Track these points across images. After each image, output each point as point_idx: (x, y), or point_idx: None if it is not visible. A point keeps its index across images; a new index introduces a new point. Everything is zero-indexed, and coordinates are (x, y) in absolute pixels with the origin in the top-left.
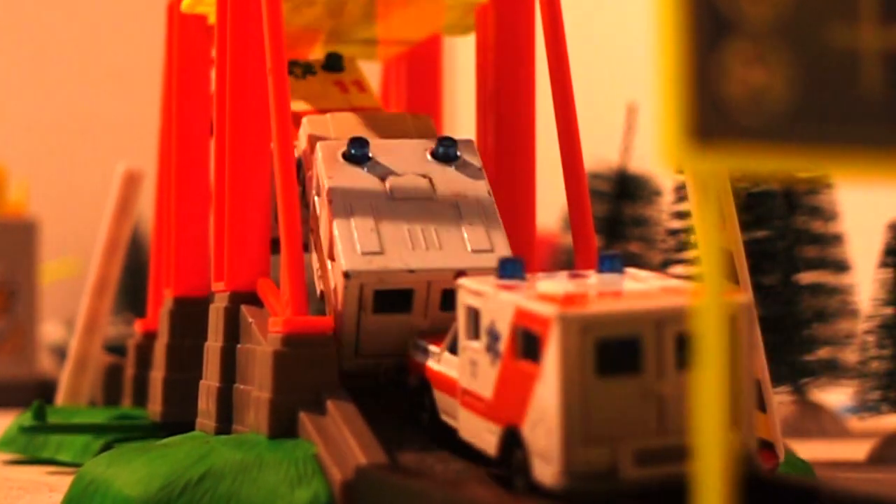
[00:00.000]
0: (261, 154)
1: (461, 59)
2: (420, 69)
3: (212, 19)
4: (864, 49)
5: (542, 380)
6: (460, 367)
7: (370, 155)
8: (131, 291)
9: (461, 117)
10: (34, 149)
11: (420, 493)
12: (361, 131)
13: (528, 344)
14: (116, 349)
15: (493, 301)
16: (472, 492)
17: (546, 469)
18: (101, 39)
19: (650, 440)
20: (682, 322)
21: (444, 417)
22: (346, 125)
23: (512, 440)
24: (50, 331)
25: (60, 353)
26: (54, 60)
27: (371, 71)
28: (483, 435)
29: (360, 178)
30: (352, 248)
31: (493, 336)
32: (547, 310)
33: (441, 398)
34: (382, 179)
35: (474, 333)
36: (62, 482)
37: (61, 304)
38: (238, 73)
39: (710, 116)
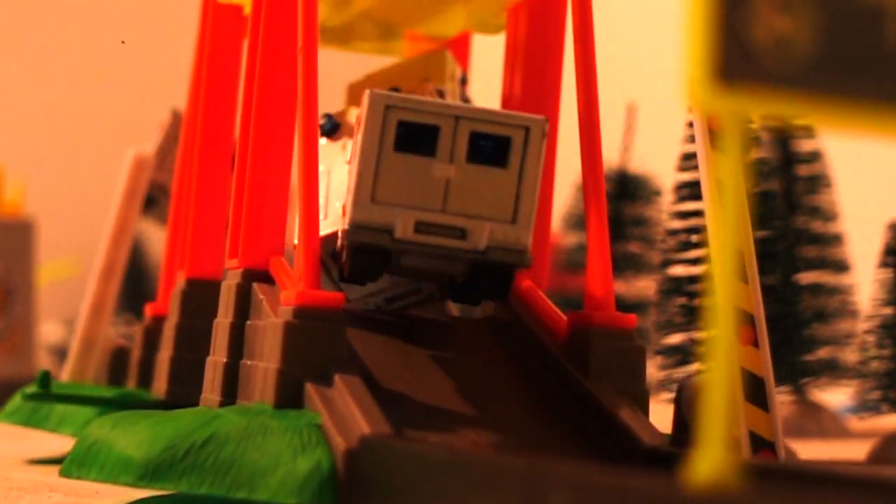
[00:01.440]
0: (285, 133)
1: (487, 58)
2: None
3: (247, 10)
4: (889, 6)
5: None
6: None
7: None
8: (130, 292)
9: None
10: (31, 148)
11: (421, 457)
12: (387, 85)
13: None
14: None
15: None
16: (471, 455)
17: (343, 222)
18: (100, 40)
19: (431, 215)
20: (478, 123)
21: None
22: (378, 83)
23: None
24: (49, 331)
25: (59, 353)
26: (52, 61)
27: None
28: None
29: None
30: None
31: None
32: (366, 94)
33: None
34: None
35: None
36: (62, 482)
37: (60, 305)
38: (269, 57)
39: (735, 58)
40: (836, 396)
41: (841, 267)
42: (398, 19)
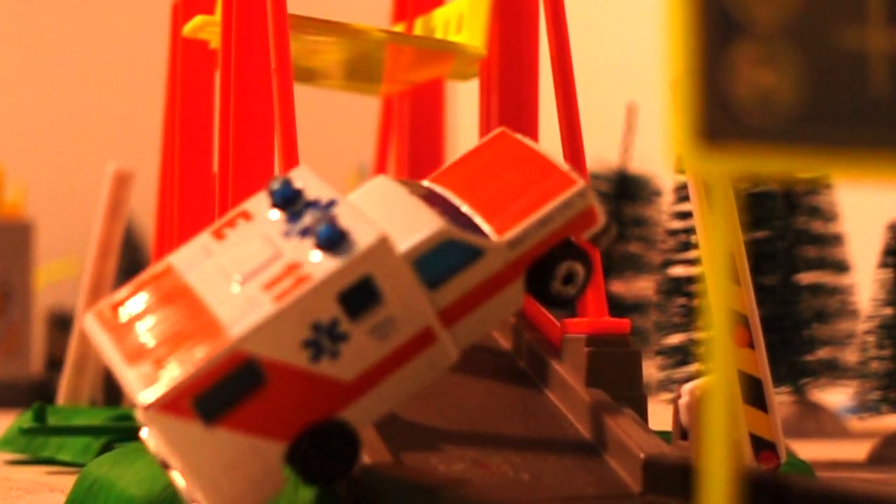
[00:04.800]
0: (264, 157)
1: (463, 93)
2: (423, 104)
3: (214, 44)
4: (872, 51)
5: None
6: None
7: None
8: None
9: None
10: (31, 150)
11: (424, 491)
12: None
13: None
14: None
15: None
16: (475, 491)
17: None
18: (98, 41)
19: None
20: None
21: None
22: None
23: None
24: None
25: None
26: (51, 62)
27: (372, 105)
28: None
29: None
30: None
31: None
32: None
33: None
34: None
35: None
36: (62, 482)
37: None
38: (243, 87)
39: (719, 118)
40: (836, 397)
41: (841, 267)
42: (372, 71)
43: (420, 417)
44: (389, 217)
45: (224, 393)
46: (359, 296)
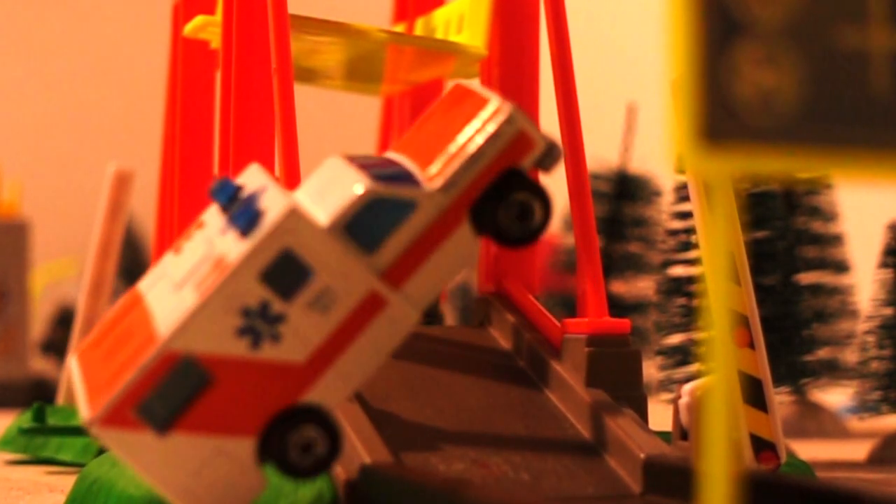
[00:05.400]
0: (265, 153)
1: None
2: (423, 104)
3: (214, 44)
4: (874, 51)
5: None
6: None
7: None
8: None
9: None
10: (31, 150)
11: (424, 492)
12: None
13: None
14: None
15: None
16: (475, 491)
17: None
18: (98, 41)
19: None
20: None
21: None
22: None
23: None
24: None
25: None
26: (50, 61)
27: (372, 105)
28: None
29: None
30: None
31: None
32: None
33: None
34: None
35: None
36: (62, 482)
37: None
38: (243, 86)
39: (720, 118)
40: (836, 397)
41: (841, 267)
42: (372, 71)
43: (420, 417)
44: (327, 191)
45: (168, 397)
46: (284, 273)
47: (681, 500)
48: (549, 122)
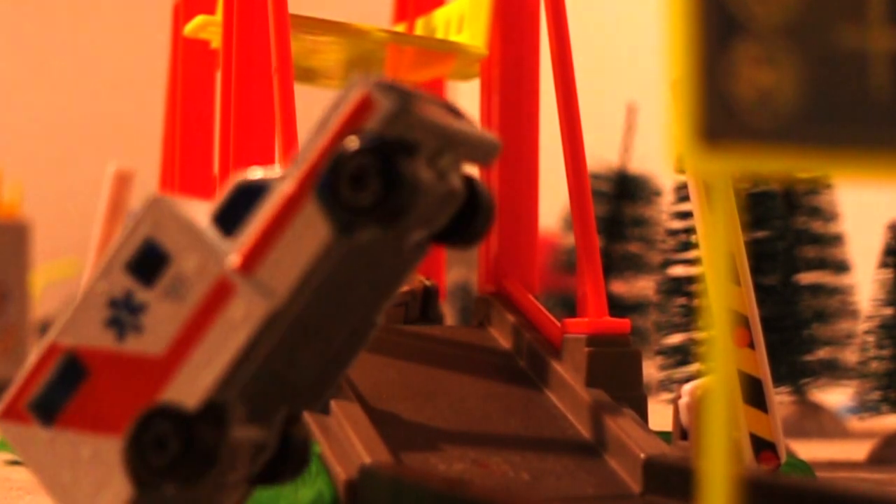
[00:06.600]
0: (265, 153)
1: (464, 93)
2: None
3: (215, 44)
4: (873, 50)
5: None
6: None
7: None
8: None
9: None
10: (27, 150)
11: (424, 492)
12: None
13: None
14: None
15: None
16: (475, 491)
17: None
18: (98, 41)
19: None
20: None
21: None
22: None
23: None
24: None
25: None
26: (50, 61)
27: None
28: None
29: None
30: None
31: None
32: None
33: None
34: None
35: None
36: None
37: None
38: (243, 86)
39: (719, 117)
40: (836, 397)
41: (841, 267)
42: (372, 71)
43: (420, 417)
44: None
45: (55, 391)
46: (146, 261)
47: (681, 500)
48: (550, 123)
